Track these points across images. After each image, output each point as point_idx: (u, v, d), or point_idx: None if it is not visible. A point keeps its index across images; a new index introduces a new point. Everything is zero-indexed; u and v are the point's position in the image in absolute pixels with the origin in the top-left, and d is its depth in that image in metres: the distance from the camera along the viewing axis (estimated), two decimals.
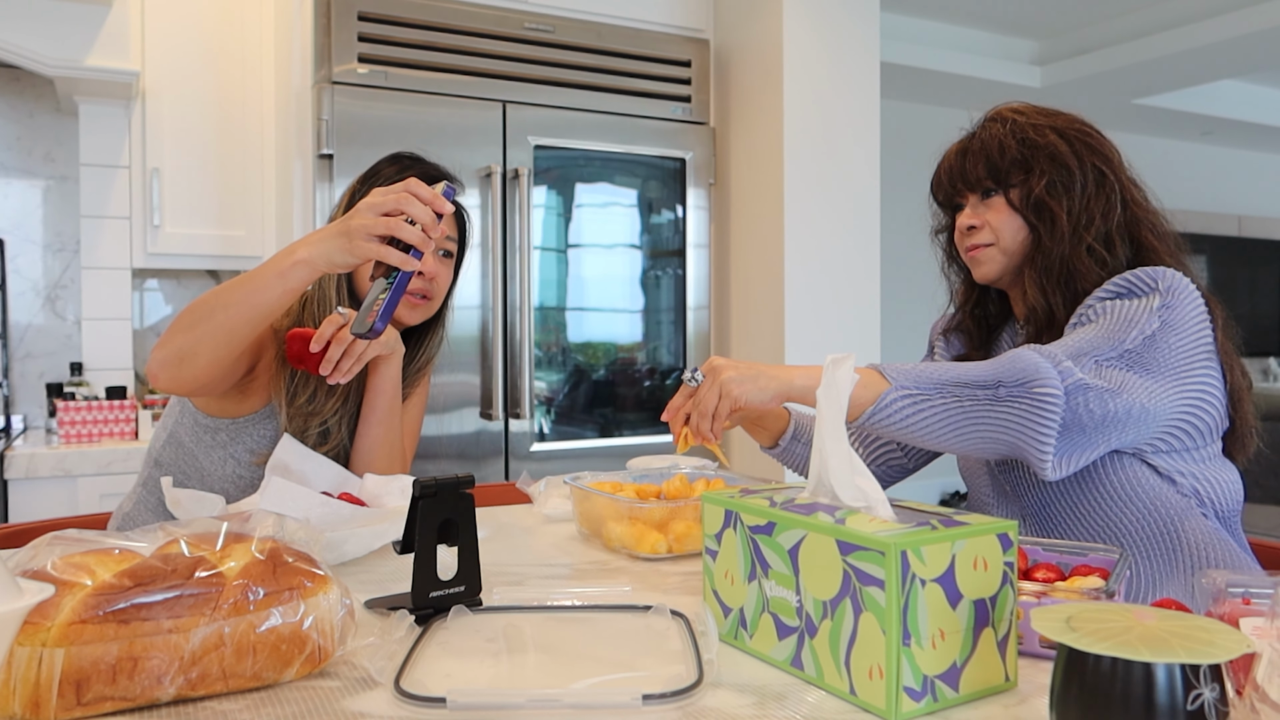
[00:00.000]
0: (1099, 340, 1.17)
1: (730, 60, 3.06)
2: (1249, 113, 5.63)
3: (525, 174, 2.66)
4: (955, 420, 1.12)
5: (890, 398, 1.11)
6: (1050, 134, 1.33)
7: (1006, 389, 1.10)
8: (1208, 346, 1.22)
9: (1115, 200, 1.31)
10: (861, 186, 2.97)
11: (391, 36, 2.55)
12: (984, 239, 1.37)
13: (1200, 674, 0.58)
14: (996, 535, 0.75)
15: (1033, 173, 1.32)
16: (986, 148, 1.36)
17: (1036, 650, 0.84)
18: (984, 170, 1.36)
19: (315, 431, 1.45)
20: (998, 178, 1.35)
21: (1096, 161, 1.33)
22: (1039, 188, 1.31)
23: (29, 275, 2.99)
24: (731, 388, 1.14)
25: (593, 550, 1.29)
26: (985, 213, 1.37)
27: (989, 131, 1.37)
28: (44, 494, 2.43)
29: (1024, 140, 1.33)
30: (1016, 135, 1.34)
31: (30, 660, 0.68)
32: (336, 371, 1.37)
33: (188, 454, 1.45)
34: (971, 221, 1.38)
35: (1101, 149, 1.34)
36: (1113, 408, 1.12)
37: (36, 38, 2.55)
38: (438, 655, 0.85)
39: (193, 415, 1.45)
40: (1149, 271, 1.23)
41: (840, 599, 0.74)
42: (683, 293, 2.97)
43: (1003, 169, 1.34)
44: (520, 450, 2.72)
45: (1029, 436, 1.10)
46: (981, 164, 1.36)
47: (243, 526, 0.84)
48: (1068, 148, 1.32)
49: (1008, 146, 1.34)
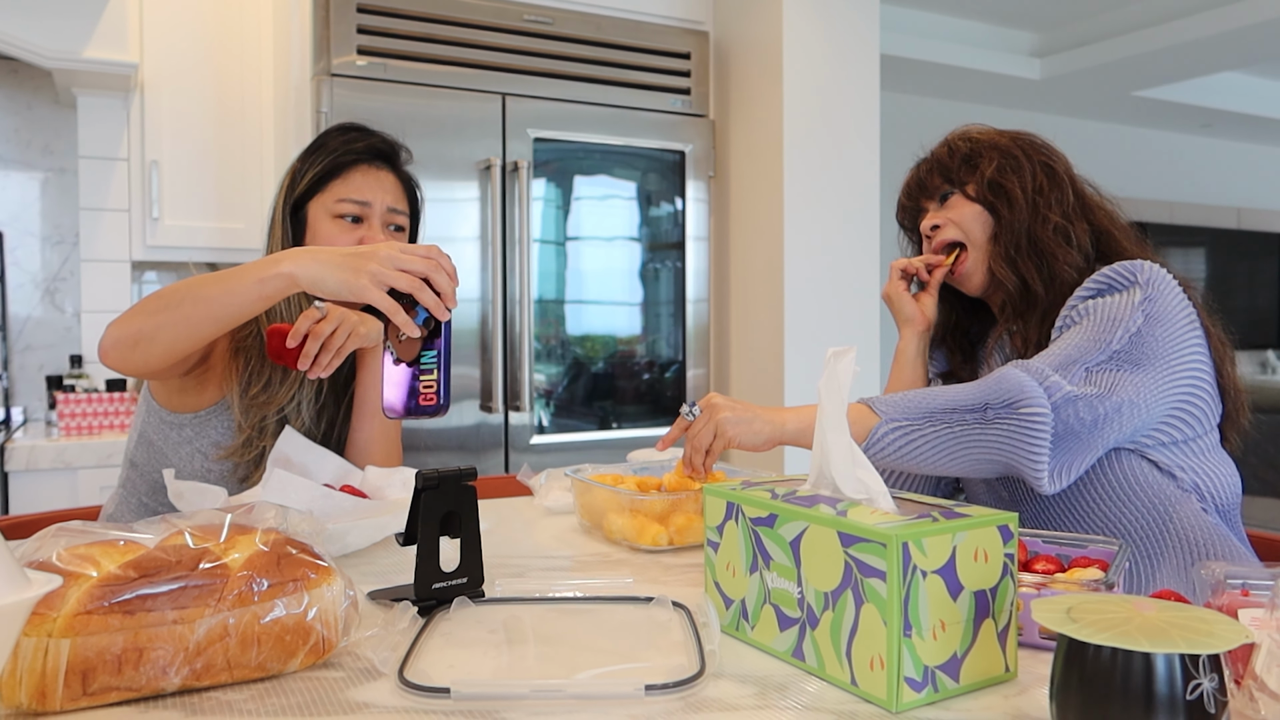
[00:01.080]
0: (1086, 344, 1.19)
1: (730, 52, 3.05)
2: (1249, 105, 5.62)
3: (524, 166, 2.66)
4: (947, 446, 1.14)
5: (881, 431, 1.14)
6: (996, 136, 1.42)
7: (994, 410, 1.12)
8: (1195, 333, 1.23)
9: (1066, 189, 1.36)
10: (861, 179, 2.97)
11: (390, 29, 2.54)
12: (949, 234, 1.41)
13: (1200, 664, 0.58)
14: (997, 527, 0.76)
15: (981, 162, 1.39)
16: (936, 158, 1.45)
17: (1036, 641, 0.85)
18: (938, 177, 1.43)
19: (274, 420, 1.42)
20: (950, 178, 1.42)
21: (1042, 158, 1.39)
22: (989, 171, 1.37)
23: (28, 268, 2.98)
24: (726, 428, 1.19)
25: (594, 542, 1.29)
26: (946, 212, 1.42)
27: (937, 148, 1.46)
28: (44, 486, 2.43)
29: (971, 141, 1.42)
30: (965, 142, 1.42)
31: (36, 651, 0.68)
32: (315, 366, 1.35)
33: (157, 452, 1.43)
34: (935, 221, 1.43)
35: (1048, 151, 1.40)
36: (1103, 410, 1.13)
37: (34, 30, 2.54)
38: (441, 646, 0.85)
39: (158, 413, 1.43)
40: (1127, 266, 1.24)
41: (841, 590, 0.75)
42: (682, 285, 2.97)
43: (953, 168, 1.41)
44: (520, 443, 2.72)
45: (1021, 456, 1.12)
46: (936, 172, 1.44)
47: (246, 518, 0.85)
48: (1014, 145, 1.39)
49: (956, 149, 1.42)
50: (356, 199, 1.47)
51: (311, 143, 1.54)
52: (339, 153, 1.49)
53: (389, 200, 1.50)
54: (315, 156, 1.50)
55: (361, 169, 1.50)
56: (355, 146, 1.51)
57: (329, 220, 1.47)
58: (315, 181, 1.48)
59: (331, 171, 1.48)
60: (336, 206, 1.47)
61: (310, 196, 1.49)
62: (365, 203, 1.48)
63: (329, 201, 1.47)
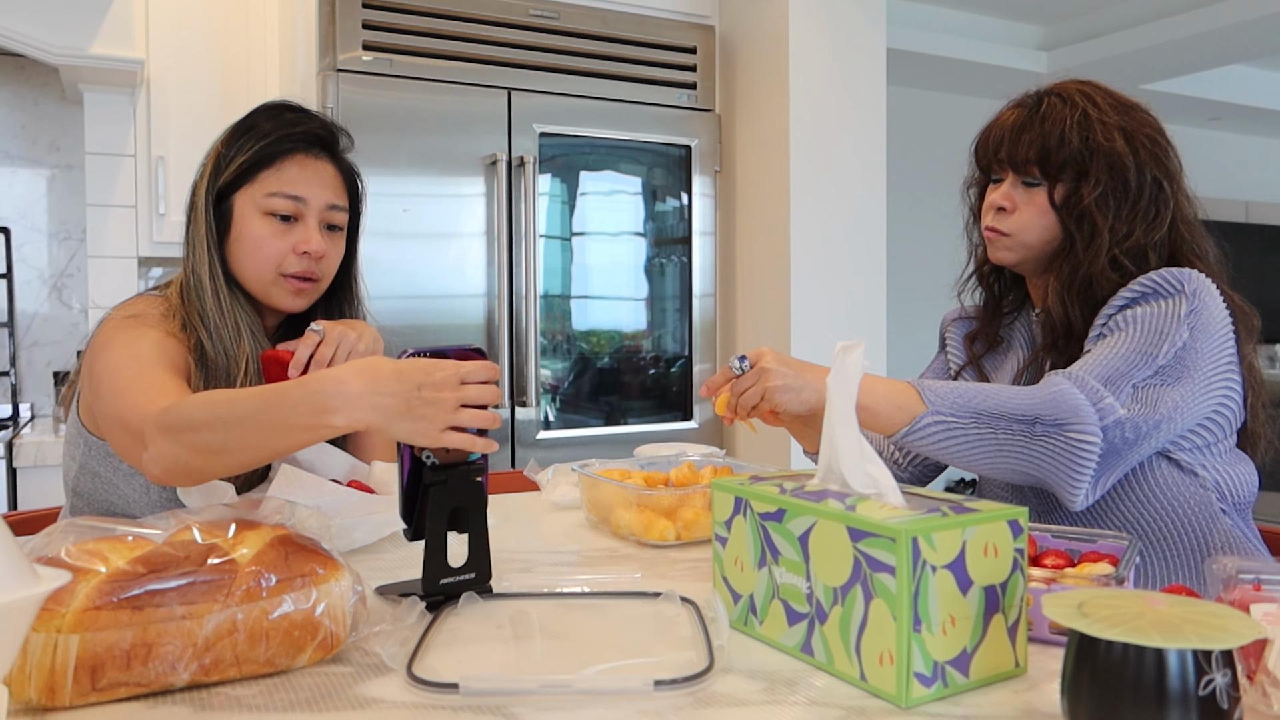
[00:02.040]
0: (1132, 357, 1.15)
1: (735, 47, 3.04)
2: (1257, 98, 5.59)
3: (530, 161, 2.65)
4: (988, 450, 1.12)
5: (925, 421, 1.11)
6: (1118, 137, 1.24)
7: (1043, 426, 1.10)
8: (1231, 349, 1.21)
9: (1165, 216, 1.25)
10: (867, 172, 2.96)
11: (396, 24, 2.54)
12: (1009, 227, 1.29)
13: (1212, 659, 0.58)
14: (1007, 522, 0.75)
15: (1087, 179, 1.24)
16: (1046, 134, 1.25)
17: (1046, 636, 0.84)
18: (1035, 156, 1.25)
19: None
20: (1047, 170, 1.26)
21: (1158, 174, 1.25)
22: (1090, 198, 1.23)
23: (35, 264, 2.99)
24: (775, 395, 1.14)
25: (601, 537, 1.29)
26: (1021, 200, 1.29)
27: (1053, 113, 1.26)
28: (52, 482, 2.43)
29: (1087, 138, 1.24)
30: (1081, 130, 1.24)
31: (45, 646, 0.68)
32: None
33: (105, 483, 1.32)
34: (1003, 203, 1.29)
35: (1166, 160, 1.27)
36: (1145, 428, 1.12)
37: (41, 26, 2.55)
38: (449, 641, 0.85)
39: (100, 447, 1.30)
40: (1175, 274, 1.20)
41: (851, 585, 0.75)
42: (688, 280, 2.97)
43: (1056, 164, 1.25)
44: (527, 438, 2.72)
45: (1061, 477, 1.11)
46: (1035, 149, 1.25)
47: (254, 514, 0.85)
48: (1131, 157, 1.24)
49: (1069, 140, 1.24)
50: (290, 194, 1.31)
51: (239, 121, 1.35)
52: (272, 138, 1.32)
53: (328, 196, 1.35)
54: (244, 140, 1.33)
55: (297, 158, 1.33)
56: (291, 132, 1.34)
57: (258, 217, 1.31)
58: (244, 170, 1.32)
59: (262, 160, 1.32)
60: (267, 202, 1.31)
61: (237, 186, 1.32)
62: (300, 199, 1.32)
63: (258, 195, 1.31)
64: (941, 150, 5.02)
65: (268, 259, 1.32)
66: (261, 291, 1.34)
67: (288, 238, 1.32)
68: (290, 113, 1.36)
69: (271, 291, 1.34)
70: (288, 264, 1.32)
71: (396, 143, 2.53)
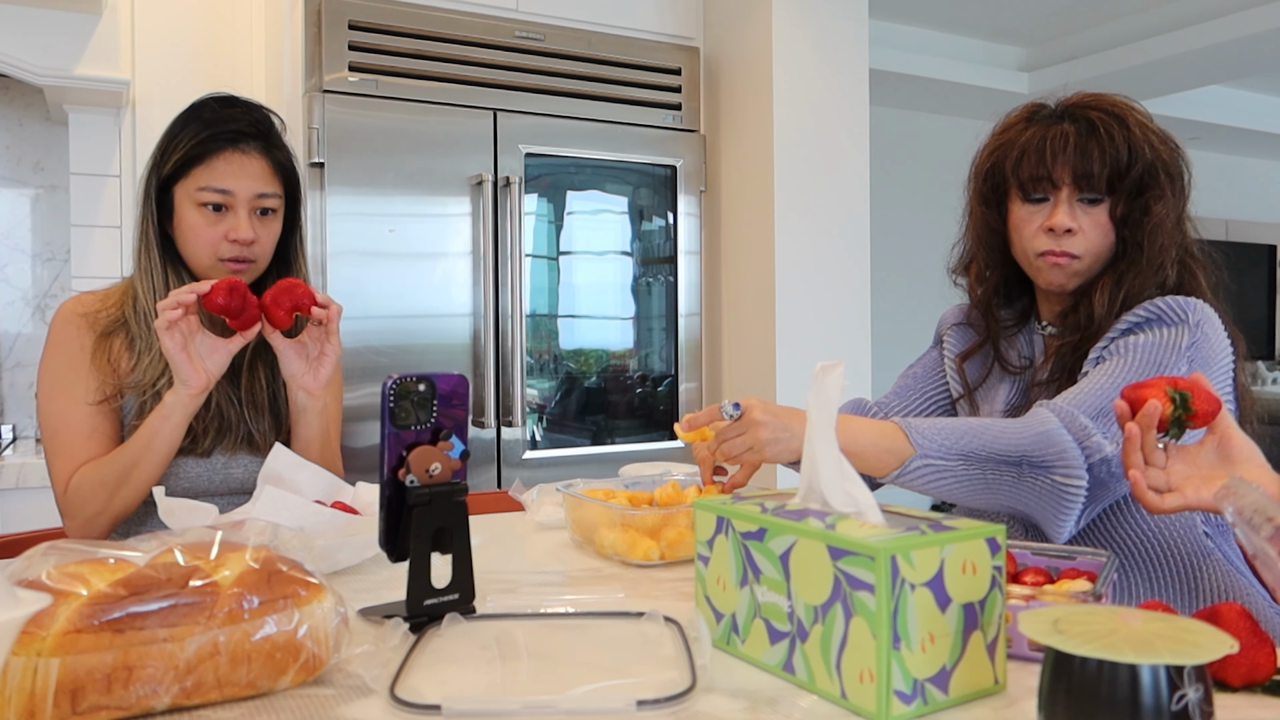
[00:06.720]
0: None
1: (720, 68, 3.07)
2: (1236, 118, 5.66)
3: (516, 182, 2.66)
4: (976, 489, 1.14)
5: (915, 465, 1.14)
6: (1163, 151, 1.25)
7: (1030, 468, 1.11)
8: (1229, 380, 1.22)
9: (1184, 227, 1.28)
10: (851, 192, 2.99)
11: (382, 45, 2.55)
12: (1079, 249, 1.25)
13: (1184, 675, 0.58)
14: (985, 540, 0.76)
15: (1148, 192, 1.23)
16: (1113, 150, 1.22)
17: (1025, 653, 0.85)
18: (1105, 172, 1.22)
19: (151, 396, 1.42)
20: (1114, 187, 1.23)
21: (1181, 185, 1.27)
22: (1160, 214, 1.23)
23: (18, 285, 2.98)
24: (766, 450, 1.15)
25: (586, 557, 1.29)
26: (1083, 219, 1.25)
27: (1107, 130, 1.23)
28: (34, 504, 2.41)
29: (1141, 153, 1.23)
30: (1141, 145, 1.23)
31: (26, 670, 0.68)
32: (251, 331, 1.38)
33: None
34: (1070, 225, 1.24)
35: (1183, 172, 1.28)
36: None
37: (26, 47, 2.55)
38: (432, 662, 0.85)
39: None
40: (1180, 302, 1.20)
41: (831, 604, 0.75)
42: (674, 299, 2.98)
43: (1131, 178, 1.23)
44: (513, 458, 2.72)
45: (1048, 515, 1.12)
46: (1107, 166, 1.22)
47: (237, 536, 0.85)
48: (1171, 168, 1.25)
49: (1139, 155, 1.22)
50: (219, 188, 1.45)
51: (179, 116, 1.50)
52: (203, 136, 1.46)
53: (256, 186, 1.47)
54: (180, 137, 1.47)
55: (225, 155, 1.46)
56: (222, 130, 1.46)
57: (193, 208, 1.46)
58: (179, 166, 1.46)
59: (195, 157, 1.46)
60: (199, 195, 1.45)
61: (176, 179, 1.47)
62: (228, 191, 1.45)
63: (191, 189, 1.46)
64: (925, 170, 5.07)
65: (205, 246, 1.47)
66: (204, 273, 1.50)
67: (219, 226, 1.47)
68: (229, 108, 1.50)
69: (212, 274, 1.48)
70: (223, 250, 1.47)
71: (382, 163, 2.53)
